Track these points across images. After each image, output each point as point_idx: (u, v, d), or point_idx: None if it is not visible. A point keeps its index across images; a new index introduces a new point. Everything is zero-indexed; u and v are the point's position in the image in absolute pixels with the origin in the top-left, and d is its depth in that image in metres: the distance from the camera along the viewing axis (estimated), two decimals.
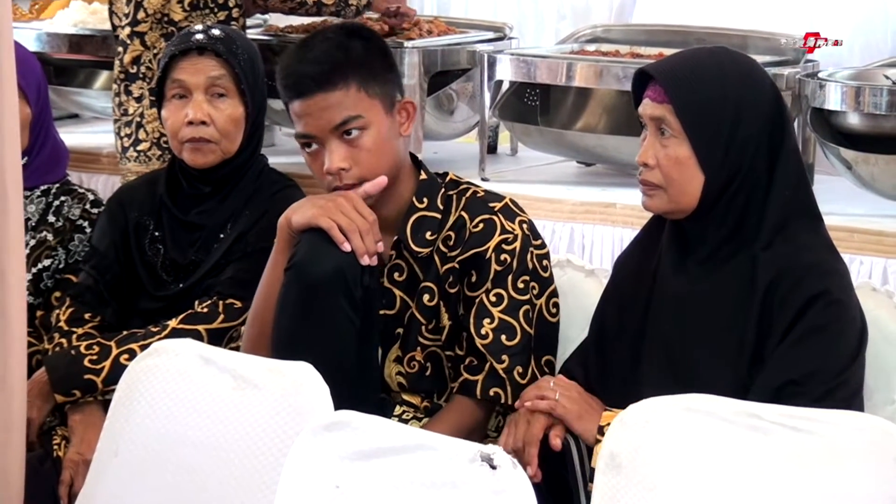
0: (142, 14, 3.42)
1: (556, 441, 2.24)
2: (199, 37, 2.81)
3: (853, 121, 3.36)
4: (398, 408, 2.52)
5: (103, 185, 4.08)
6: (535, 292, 2.45)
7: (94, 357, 2.73)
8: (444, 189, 2.51)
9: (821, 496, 1.84)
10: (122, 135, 3.49)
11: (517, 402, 2.32)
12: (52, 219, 3.00)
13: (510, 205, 2.49)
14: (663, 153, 2.24)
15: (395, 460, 1.84)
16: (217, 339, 2.70)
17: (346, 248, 2.36)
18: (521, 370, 2.41)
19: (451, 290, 2.46)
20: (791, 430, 1.87)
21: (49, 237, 2.98)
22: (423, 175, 2.51)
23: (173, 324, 2.74)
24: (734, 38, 3.76)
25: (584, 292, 2.57)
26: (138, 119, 3.45)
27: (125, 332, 2.77)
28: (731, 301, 2.22)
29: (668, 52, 3.75)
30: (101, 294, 2.86)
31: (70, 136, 3.42)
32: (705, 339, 2.22)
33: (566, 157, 3.90)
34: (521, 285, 2.43)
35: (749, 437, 1.89)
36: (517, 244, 2.44)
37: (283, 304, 2.39)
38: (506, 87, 3.81)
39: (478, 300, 2.43)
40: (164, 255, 2.85)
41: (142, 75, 3.45)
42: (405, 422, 2.47)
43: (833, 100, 3.34)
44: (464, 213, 2.47)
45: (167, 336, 2.69)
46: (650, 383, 2.23)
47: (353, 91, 2.40)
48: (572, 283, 2.59)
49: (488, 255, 2.43)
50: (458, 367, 2.46)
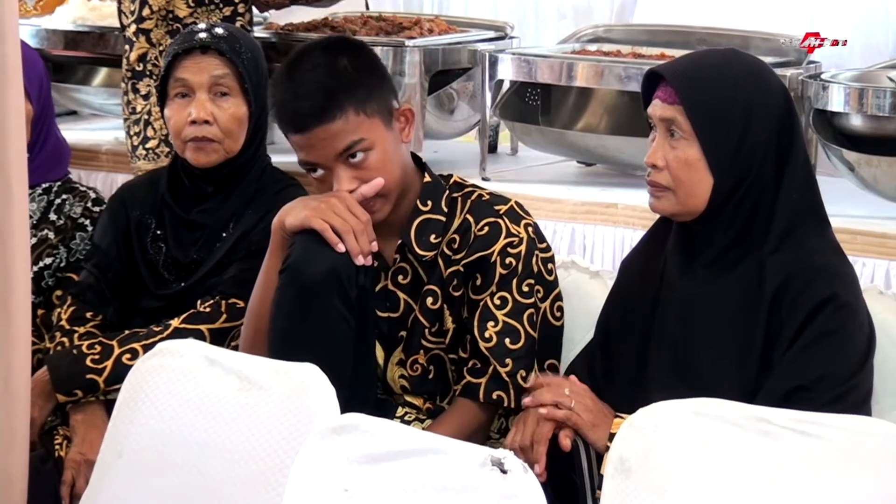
0: (147, 11, 3.40)
1: (566, 441, 2.23)
2: (202, 35, 2.81)
3: (856, 122, 3.35)
4: (400, 409, 2.52)
5: (102, 183, 4.07)
6: (539, 296, 2.45)
7: (96, 356, 2.72)
8: (448, 191, 2.51)
9: (831, 501, 1.83)
10: (132, 133, 3.47)
11: (528, 401, 2.29)
12: (53, 217, 2.99)
13: (515, 208, 2.49)
14: (672, 154, 2.23)
15: (404, 464, 1.83)
16: (219, 338, 2.69)
17: (341, 248, 2.36)
18: (524, 374, 2.40)
19: (455, 294, 2.45)
20: (801, 435, 1.87)
21: (50, 235, 2.97)
22: (428, 178, 2.51)
23: (175, 323, 2.73)
24: (735, 39, 3.75)
25: (588, 294, 2.57)
26: (146, 117, 3.44)
27: (127, 332, 2.77)
28: (738, 304, 2.21)
29: (669, 52, 3.76)
30: (103, 293, 2.85)
31: (69, 133, 3.40)
32: (712, 342, 2.22)
33: (567, 156, 3.89)
34: (525, 289, 2.43)
35: (759, 442, 1.88)
36: (522, 247, 2.43)
37: (279, 306, 2.39)
38: (507, 86, 3.80)
39: (482, 303, 2.42)
40: (165, 254, 2.84)
41: (148, 73, 3.44)
42: (407, 423, 2.46)
43: (836, 101, 3.33)
44: (469, 217, 2.46)
45: (169, 336, 2.68)
46: (657, 385, 2.23)
47: (352, 116, 2.38)
48: (577, 285, 2.59)
49: (493, 259, 2.42)
50: (461, 370, 2.45)
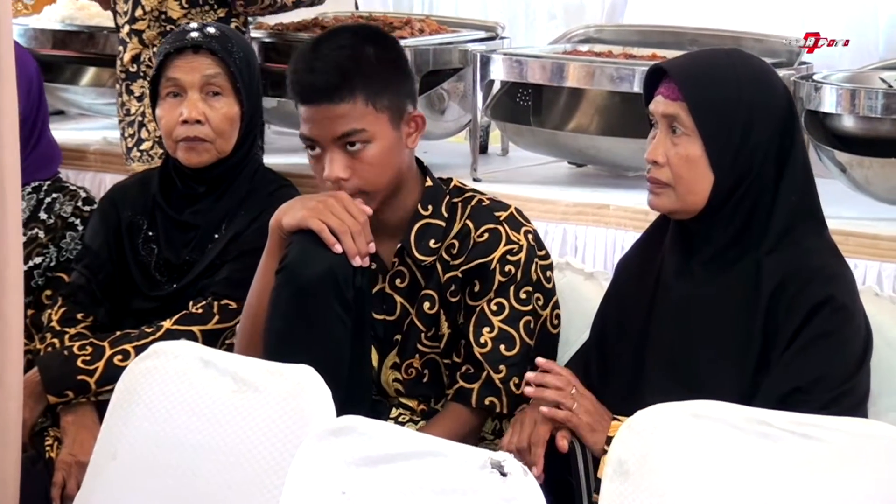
0: (139, 11, 3.38)
1: (563, 442, 2.23)
2: (194, 35, 2.79)
3: (848, 123, 3.35)
4: (394, 410, 2.51)
5: (91, 183, 4.05)
6: (539, 304, 2.44)
7: (88, 358, 2.71)
8: (448, 196, 2.49)
9: (830, 503, 1.83)
10: (126, 135, 3.45)
11: (531, 391, 2.27)
12: (43, 216, 2.98)
13: (515, 214, 2.48)
14: (674, 151, 2.23)
15: (402, 466, 1.82)
16: (212, 339, 2.68)
17: (338, 249, 2.35)
18: (517, 381, 2.39)
19: (453, 299, 2.45)
20: (801, 438, 1.86)
21: (40, 234, 2.96)
22: (429, 182, 2.49)
23: (168, 324, 2.72)
24: (727, 40, 3.75)
25: (583, 295, 2.56)
26: (140, 118, 3.42)
27: (118, 333, 2.76)
28: (735, 304, 2.21)
29: (661, 52, 3.75)
30: (94, 294, 2.84)
31: (57, 133, 3.37)
32: (709, 343, 2.22)
33: (558, 157, 3.89)
34: (523, 296, 2.42)
35: (758, 444, 1.87)
36: (522, 255, 2.42)
37: (275, 306, 2.38)
38: (498, 86, 3.79)
39: (478, 308, 2.42)
40: (157, 255, 2.83)
41: (142, 74, 3.42)
42: (401, 425, 2.46)
43: (828, 102, 3.33)
44: (469, 222, 2.45)
45: (161, 337, 2.67)
46: (653, 386, 2.22)
47: (360, 105, 2.37)
48: (572, 287, 2.58)
49: (493, 266, 2.41)
50: (454, 374, 2.45)
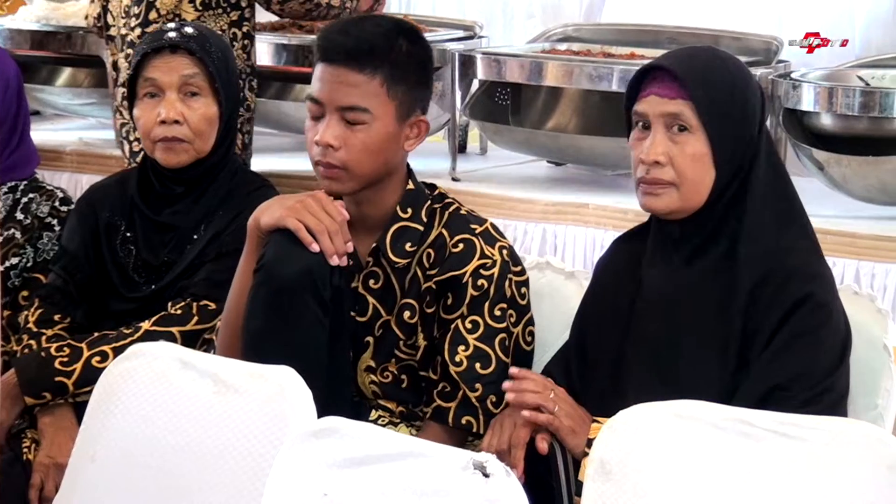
0: (153, 14, 3.35)
1: (543, 444, 2.22)
2: (171, 35, 2.78)
3: (826, 122, 3.37)
4: (373, 412, 2.50)
5: (67, 183, 4.04)
6: (512, 320, 2.42)
7: (65, 359, 2.70)
8: (429, 202, 2.49)
9: (812, 502, 1.83)
10: (132, 139, 3.38)
11: (511, 397, 2.27)
12: (20, 216, 2.97)
13: (491, 229, 2.47)
14: (678, 150, 2.21)
15: (384, 468, 1.81)
16: (191, 340, 2.67)
17: (315, 248, 2.34)
18: (494, 399, 2.38)
19: (429, 310, 2.44)
20: (783, 437, 1.86)
21: (17, 235, 2.95)
22: (411, 185, 2.48)
23: (146, 325, 2.71)
24: (705, 38, 3.76)
25: (563, 296, 2.55)
26: None
27: (96, 334, 2.75)
28: (716, 303, 2.21)
29: (639, 51, 3.76)
30: (71, 295, 2.83)
31: (32, 134, 3.36)
32: (690, 342, 2.22)
33: (537, 156, 3.89)
34: (497, 313, 2.41)
35: (740, 444, 1.87)
36: (495, 270, 2.41)
37: (253, 306, 2.37)
38: (476, 86, 3.79)
39: (453, 326, 2.40)
40: (136, 256, 2.82)
41: None
42: (381, 426, 2.44)
43: (806, 100, 3.34)
44: (444, 231, 2.44)
45: (140, 338, 2.66)
46: (634, 386, 2.22)
47: (376, 84, 2.37)
48: (552, 286, 2.57)
49: (465, 279, 2.40)
50: (431, 392, 2.44)
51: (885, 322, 2.33)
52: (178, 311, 2.71)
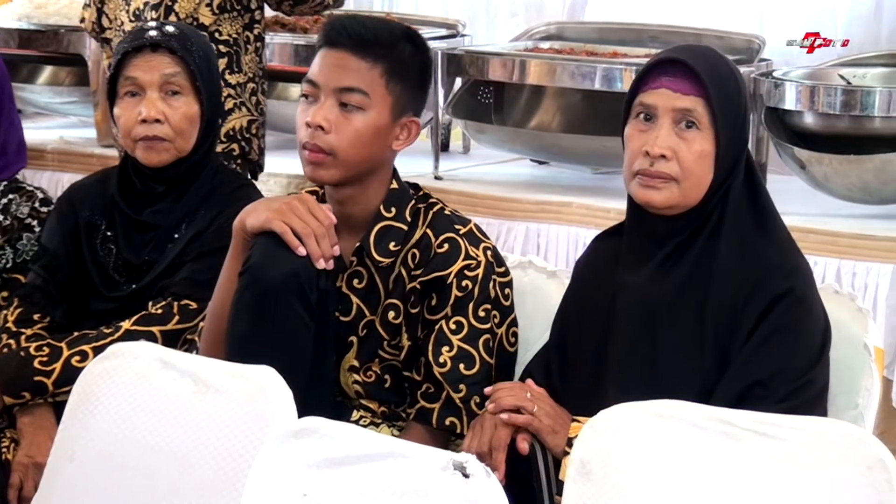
0: (173, 18, 3.37)
1: (524, 445, 2.22)
2: (152, 33, 2.77)
3: (808, 120, 3.38)
4: (355, 413, 2.50)
5: (48, 182, 4.04)
6: (496, 321, 2.42)
7: (45, 358, 2.68)
8: (414, 202, 2.48)
9: (792, 502, 1.83)
10: None
11: (491, 407, 2.28)
12: None
13: (475, 230, 2.46)
14: (684, 146, 2.20)
15: (364, 468, 1.81)
16: (172, 340, 2.66)
17: (301, 252, 2.32)
18: (478, 400, 2.37)
19: (413, 311, 2.43)
20: (763, 437, 1.86)
21: None
22: (395, 185, 2.48)
23: (126, 325, 2.69)
24: (688, 37, 3.77)
25: (545, 294, 2.55)
26: None
27: (76, 334, 2.73)
28: (696, 300, 2.21)
29: (622, 50, 3.77)
30: (51, 294, 2.81)
31: None
32: (670, 340, 2.21)
33: (520, 155, 3.90)
34: (482, 314, 2.40)
35: (720, 444, 1.87)
36: (480, 271, 2.40)
37: (238, 308, 2.35)
38: (459, 84, 3.79)
39: (437, 327, 2.39)
40: (116, 256, 2.80)
41: None
42: (362, 427, 2.44)
43: (788, 99, 3.35)
44: (429, 231, 2.43)
45: (120, 337, 2.65)
46: (615, 386, 2.22)
47: (377, 73, 2.37)
48: (534, 285, 2.56)
49: (450, 280, 2.39)
50: (415, 393, 2.43)
51: (865, 321, 2.33)
52: (159, 311, 2.70)
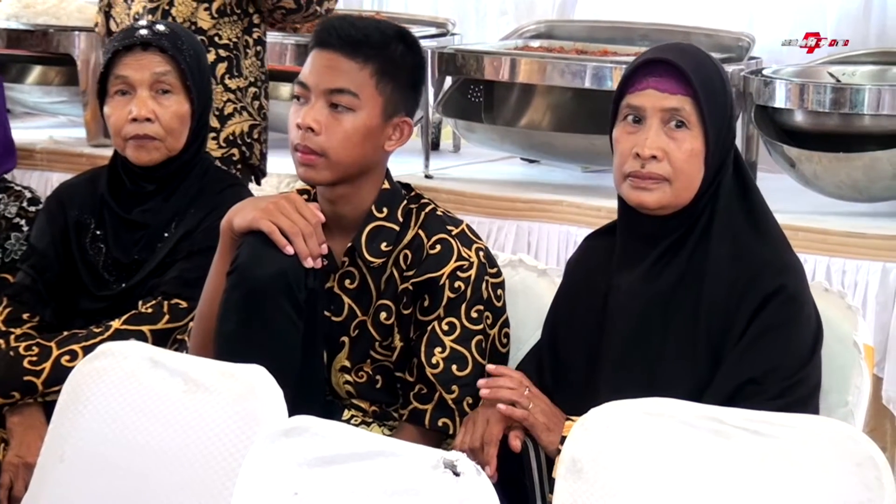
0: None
1: (516, 442, 2.22)
2: (143, 32, 2.77)
3: (797, 118, 3.39)
4: (346, 412, 2.50)
5: (37, 182, 4.03)
6: (488, 322, 2.42)
7: (34, 358, 2.68)
8: (406, 202, 2.48)
9: (782, 500, 1.83)
10: None
11: (486, 393, 2.27)
12: None
13: (467, 231, 2.46)
14: (674, 145, 2.20)
15: (355, 467, 1.81)
16: (162, 339, 2.65)
17: (289, 251, 2.32)
18: (470, 401, 2.37)
19: (405, 311, 2.43)
20: (754, 435, 1.86)
21: None
22: (387, 185, 2.47)
23: (116, 324, 2.69)
24: (677, 35, 3.77)
25: (536, 293, 2.55)
26: None
27: (66, 333, 2.73)
28: (688, 300, 2.21)
29: (612, 48, 3.77)
30: (40, 294, 2.81)
31: None
32: (662, 339, 2.21)
33: (511, 153, 3.90)
34: (474, 315, 2.40)
35: (711, 441, 1.87)
36: (472, 272, 2.40)
37: (226, 308, 2.35)
38: (449, 83, 3.79)
39: (430, 328, 2.39)
40: (106, 255, 2.80)
41: None
42: (353, 426, 2.43)
43: (778, 97, 3.36)
44: (421, 232, 2.43)
45: (110, 337, 2.64)
46: (607, 384, 2.22)
47: (367, 74, 2.37)
48: (525, 284, 2.56)
49: (442, 281, 2.39)
50: (407, 394, 2.43)
51: (855, 319, 2.33)
52: (149, 310, 2.69)
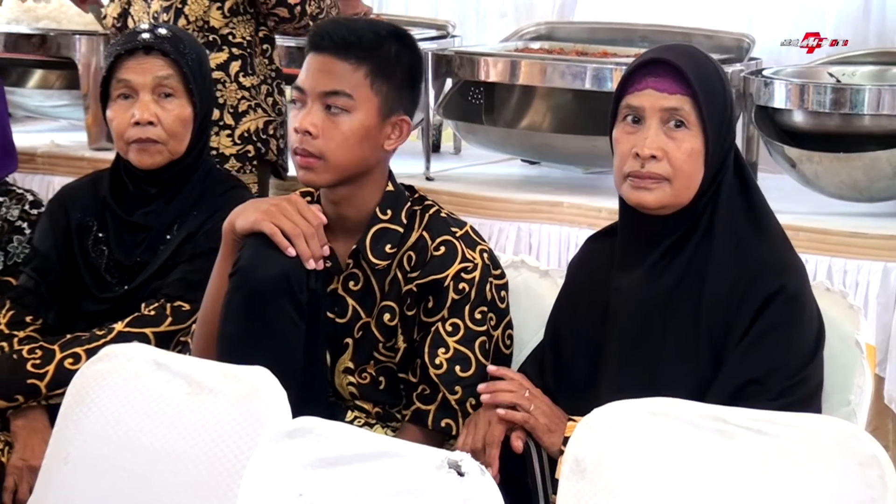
0: (183, 21, 3.41)
1: (518, 443, 2.22)
2: (145, 36, 2.77)
3: (798, 119, 3.38)
4: (349, 413, 2.50)
5: (38, 185, 4.03)
6: (492, 323, 2.42)
7: (38, 361, 2.68)
8: (409, 204, 2.48)
9: (786, 499, 1.83)
10: None
11: (487, 398, 2.28)
12: None
13: (471, 232, 2.47)
14: (674, 145, 2.20)
15: (359, 467, 1.81)
16: (165, 342, 2.66)
17: (291, 252, 2.33)
18: (474, 402, 2.37)
19: (409, 313, 2.43)
20: (756, 434, 1.87)
21: None
22: (391, 187, 2.48)
23: (119, 327, 2.69)
24: (677, 36, 3.78)
25: (538, 294, 2.55)
26: None
27: (69, 336, 2.73)
28: (690, 300, 2.21)
29: (612, 49, 3.77)
30: (43, 296, 2.81)
31: None
32: (665, 339, 2.22)
33: (511, 155, 3.90)
34: (478, 316, 2.40)
35: (714, 441, 1.88)
36: (476, 273, 2.40)
37: (228, 310, 2.35)
38: (449, 85, 3.80)
39: (433, 329, 2.40)
40: (108, 257, 2.80)
41: None
42: (357, 427, 2.44)
43: (778, 97, 3.36)
44: (425, 234, 2.44)
45: (113, 339, 2.65)
46: (609, 384, 2.22)
47: (361, 74, 2.38)
48: (527, 285, 2.57)
49: (447, 283, 2.39)
50: (410, 395, 2.43)
51: (857, 318, 2.33)
52: (152, 312, 2.70)
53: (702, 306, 2.20)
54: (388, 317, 2.44)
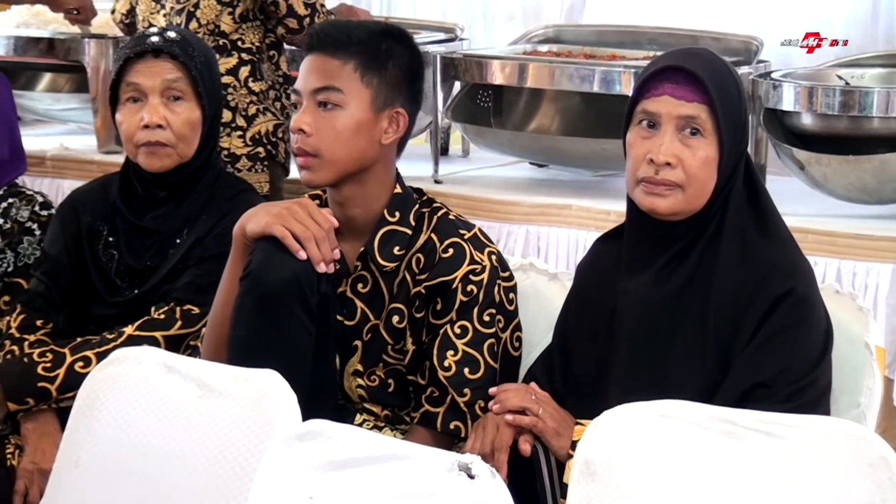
0: (194, 25, 3.43)
1: (526, 447, 2.22)
2: (154, 39, 2.78)
3: (806, 121, 3.38)
4: (358, 416, 2.50)
5: (48, 189, 4.03)
6: (500, 326, 2.42)
7: (48, 364, 2.69)
8: (418, 206, 2.48)
9: (795, 502, 1.83)
10: None
11: (496, 408, 2.29)
12: (0, 221, 2.96)
13: (479, 235, 2.47)
14: (689, 153, 2.20)
15: (370, 470, 1.81)
16: (174, 345, 2.66)
17: (302, 256, 2.33)
18: (482, 404, 2.37)
19: (418, 315, 2.43)
20: (766, 436, 1.87)
21: None
22: (399, 189, 2.48)
23: (129, 330, 2.70)
24: (685, 39, 3.78)
25: (546, 297, 2.55)
26: None
27: (79, 339, 2.74)
28: (698, 302, 2.21)
29: (620, 52, 3.77)
30: (53, 300, 2.82)
31: None
32: (673, 342, 2.22)
33: (520, 158, 3.90)
34: (486, 318, 2.40)
35: (723, 443, 1.88)
36: (485, 276, 2.40)
37: (239, 313, 2.36)
38: (458, 88, 3.80)
39: (442, 331, 2.40)
40: (118, 261, 2.81)
41: None
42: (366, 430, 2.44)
43: (787, 100, 3.35)
44: (433, 236, 2.44)
45: (123, 343, 2.65)
46: (618, 387, 2.22)
47: (350, 68, 2.39)
48: (535, 287, 2.57)
49: (455, 285, 2.39)
50: (419, 397, 2.43)
51: (866, 320, 2.33)
52: (162, 316, 2.70)
53: (709, 309, 2.20)
54: (396, 319, 2.44)
